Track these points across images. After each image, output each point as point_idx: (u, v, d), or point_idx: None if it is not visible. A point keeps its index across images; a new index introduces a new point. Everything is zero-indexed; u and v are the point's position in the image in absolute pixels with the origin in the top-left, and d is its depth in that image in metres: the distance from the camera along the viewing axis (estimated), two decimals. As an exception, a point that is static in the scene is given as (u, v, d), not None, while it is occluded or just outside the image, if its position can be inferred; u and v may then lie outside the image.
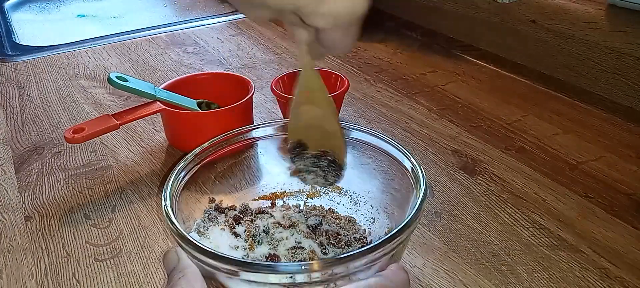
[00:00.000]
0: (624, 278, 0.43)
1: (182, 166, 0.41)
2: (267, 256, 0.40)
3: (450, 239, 0.47)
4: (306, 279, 0.31)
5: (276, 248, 0.40)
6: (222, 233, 0.41)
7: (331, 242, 0.41)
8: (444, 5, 0.90)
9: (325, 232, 0.42)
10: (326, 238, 0.41)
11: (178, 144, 0.61)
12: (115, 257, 0.46)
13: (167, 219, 0.36)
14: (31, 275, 0.44)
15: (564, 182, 0.54)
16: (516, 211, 0.50)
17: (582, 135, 0.63)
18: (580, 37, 0.70)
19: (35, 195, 0.54)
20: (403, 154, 0.41)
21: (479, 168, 0.57)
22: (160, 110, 0.57)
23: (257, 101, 0.72)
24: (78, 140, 0.51)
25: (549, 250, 0.46)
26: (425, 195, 0.37)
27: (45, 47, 0.94)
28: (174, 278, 0.32)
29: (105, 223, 0.50)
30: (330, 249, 0.41)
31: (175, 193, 0.39)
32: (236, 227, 0.42)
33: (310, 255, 0.40)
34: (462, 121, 0.67)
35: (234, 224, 0.42)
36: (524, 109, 0.69)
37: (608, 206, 0.51)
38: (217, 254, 0.32)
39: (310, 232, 0.42)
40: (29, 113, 0.71)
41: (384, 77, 0.80)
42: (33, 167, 0.59)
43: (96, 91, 0.77)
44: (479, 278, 0.43)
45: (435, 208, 0.51)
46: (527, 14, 0.77)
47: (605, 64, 0.68)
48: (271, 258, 0.39)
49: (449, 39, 0.90)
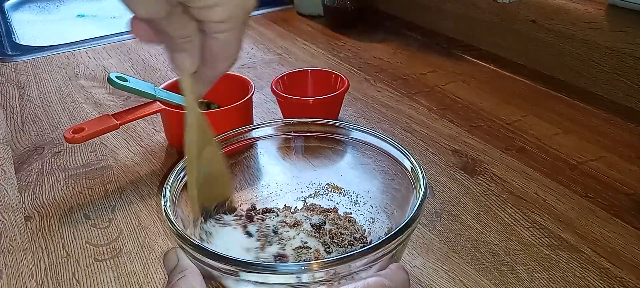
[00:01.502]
0: (624, 278, 0.43)
1: (182, 166, 0.41)
2: (276, 255, 0.40)
3: (450, 239, 0.47)
4: (306, 279, 0.31)
5: (284, 248, 0.40)
6: (233, 233, 0.41)
7: (334, 241, 0.41)
8: (444, 5, 0.90)
9: (329, 231, 0.42)
10: (330, 237, 0.41)
11: (178, 144, 0.61)
12: (115, 257, 0.46)
13: (167, 219, 0.36)
14: (31, 275, 0.44)
15: (564, 182, 0.54)
16: (516, 211, 0.50)
17: (582, 135, 0.63)
18: (580, 37, 0.70)
19: (35, 195, 0.54)
20: (403, 154, 0.41)
21: (479, 168, 0.57)
22: (160, 110, 0.57)
23: (257, 101, 0.72)
24: (78, 140, 0.51)
25: (549, 250, 0.46)
26: (425, 195, 0.37)
27: (45, 47, 0.94)
28: (174, 278, 0.32)
29: (105, 223, 0.50)
30: (333, 248, 0.41)
31: (175, 193, 0.39)
32: (248, 226, 0.42)
33: (315, 254, 0.40)
34: (462, 121, 0.67)
35: (246, 223, 0.42)
36: (524, 109, 0.69)
37: (608, 206, 0.51)
38: (217, 254, 0.32)
39: (314, 232, 0.42)
40: (29, 113, 0.71)
41: (384, 77, 0.80)
42: (33, 167, 0.59)
43: (96, 91, 0.77)
44: (479, 278, 0.43)
45: (435, 208, 0.51)
46: (527, 14, 0.77)
47: (605, 64, 0.68)
48: (280, 258, 0.39)
49: (449, 39, 0.90)
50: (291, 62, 0.87)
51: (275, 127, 0.47)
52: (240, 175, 0.47)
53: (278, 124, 0.47)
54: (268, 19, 1.08)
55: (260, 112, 0.70)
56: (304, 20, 1.07)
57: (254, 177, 0.48)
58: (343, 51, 0.91)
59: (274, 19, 1.07)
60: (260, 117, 0.68)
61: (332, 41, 0.96)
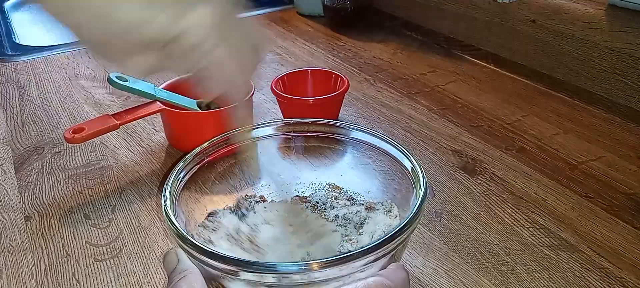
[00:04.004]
0: (624, 278, 0.43)
1: (182, 166, 0.41)
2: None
3: (450, 239, 0.47)
4: (306, 279, 0.31)
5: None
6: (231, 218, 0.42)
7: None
8: (444, 5, 0.90)
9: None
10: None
11: (178, 144, 0.61)
12: (115, 257, 0.46)
13: (167, 219, 0.36)
14: (31, 275, 0.44)
15: (564, 182, 0.54)
16: (516, 211, 0.50)
17: (582, 135, 0.63)
18: (580, 37, 0.70)
19: (35, 195, 0.54)
20: (403, 154, 0.41)
21: (479, 168, 0.57)
22: (160, 110, 0.57)
23: (257, 101, 0.72)
24: (78, 140, 0.51)
25: (549, 250, 0.46)
26: (425, 195, 0.37)
27: (45, 47, 0.94)
28: (174, 279, 0.32)
29: (105, 223, 0.50)
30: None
31: (175, 193, 0.39)
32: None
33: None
34: (462, 121, 0.67)
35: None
36: (524, 109, 0.69)
37: (608, 206, 0.51)
38: (217, 254, 0.32)
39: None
40: (29, 113, 0.71)
41: (384, 77, 0.80)
42: (33, 167, 0.59)
43: (96, 91, 0.77)
44: (479, 278, 0.43)
45: (435, 208, 0.51)
46: (527, 14, 0.77)
47: (605, 64, 0.68)
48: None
49: (449, 39, 0.90)
50: (291, 62, 0.87)
51: (275, 127, 0.47)
52: (240, 175, 0.47)
53: (278, 124, 0.47)
54: (268, 19, 1.08)
55: (260, 112, 0.70)
56: (304, 20, 1.07)
57: (254, 177, 0.48)
58: (343, 51, 0.91)
59: (274, 19, 1.07)
60: (260, 117, 0.68)
61: (332, 41, 0.96)
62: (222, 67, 0.31)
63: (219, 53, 0.30)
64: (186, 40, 0.29)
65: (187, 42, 0.29)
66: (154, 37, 0.28)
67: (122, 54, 0.29)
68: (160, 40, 0.29)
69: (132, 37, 0.28)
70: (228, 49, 0.31)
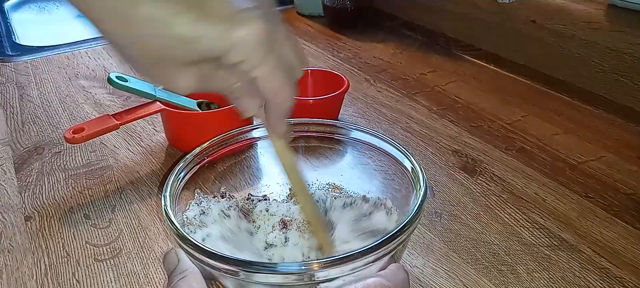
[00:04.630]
0: (624, 278, 0.43)
1: (182, 166, 0.41)
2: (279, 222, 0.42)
3: (450, 239, 0.47)
4: (307, 279, 0.31)
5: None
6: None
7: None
8: (444, 5, 0.90)
9: None
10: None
11: (178, 144, 0.61)
12: (115, 257, 0.46)
13: (167, 219, 0.36)
14: (31, 275, 0.44)
15: (564, 182, 0.54)
16: (516, 211, 0.50)
17: (582, 135, 0.63)
18: (581, 37, 0.70)
19: (35, 195, 0.54)
20: (403, 154, 0.41)
21: (479, 168, 0.57)
22: (160, 110, 0.57)
23: (257, 101, 0.72)
24: (78, 140, 0.51)
25: (549, 250, 0.46)
26: (425, 195, 0.37)
27: (45, 47, 0.94)
28: (174, 279, 0.32)
29: (105, 223, 0.50)
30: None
31: (175, 193, 0.39)
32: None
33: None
34: (462, 121, 0.67)
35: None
36: (524, 109, 0.69)
37: (608, 206, 0.51)
38: (217, 254, 0.32)
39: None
40: (29, 113, 0.71)
41: (384, 77, 0.80)
42: (33, 167, 0.59)
43: (96, 91, 0.77)
44: (479, 278, 0.43)
45: (435, 208, 0.51)
46: (527, 14, 0.77)
47: (605, 64, 0.68)
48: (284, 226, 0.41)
49: (449, 39, 0.90)
50: (291, 62, 0.87)
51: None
52: (240, 175, 0.47)
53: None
54: (268, 19, 1.08)
55: (260, 112, 0.70)
56: (304, 20, 1.07)
57: (254, 177, 0.48)
58: (343, 51, 0.91)
59: (274, 19, 1.07)
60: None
61: (332, 41, 0.96)
62: (265, 83, 0.31)
63: (264, 69, 0.31)
64: (234, 56, 0.29)
65: (235, 57, 0.29)
66: (205, 52, 0.29)
67: (171, 70, 0.30)
68: (211, 55, 0.29)
69: (183, 53, 0.28)
70: (272, 66, 0.31)
